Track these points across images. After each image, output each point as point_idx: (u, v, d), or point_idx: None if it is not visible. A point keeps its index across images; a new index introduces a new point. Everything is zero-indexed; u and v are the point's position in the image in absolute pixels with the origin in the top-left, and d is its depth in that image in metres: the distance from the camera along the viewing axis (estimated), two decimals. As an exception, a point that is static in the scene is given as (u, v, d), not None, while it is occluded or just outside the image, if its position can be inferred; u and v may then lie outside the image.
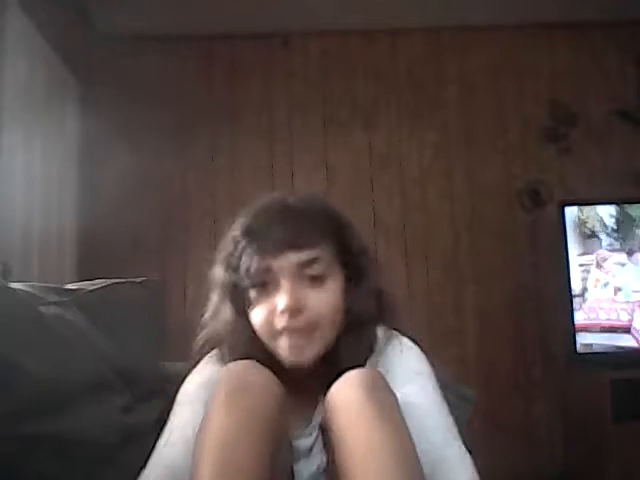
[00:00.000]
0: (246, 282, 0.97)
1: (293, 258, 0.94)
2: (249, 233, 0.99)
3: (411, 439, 0.83)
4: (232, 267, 1.00)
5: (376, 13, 2.76)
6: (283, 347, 0.95)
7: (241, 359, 0.91)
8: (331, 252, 0.99)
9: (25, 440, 0.91)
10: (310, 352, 0.95)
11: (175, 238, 2.76)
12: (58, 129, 2.42)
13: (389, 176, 2.85)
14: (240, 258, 0.98)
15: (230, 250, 1.02)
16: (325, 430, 0.89)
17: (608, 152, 2.85)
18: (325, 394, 0.90)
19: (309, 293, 0.95)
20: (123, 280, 1.36)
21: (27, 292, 1.13)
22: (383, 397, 0.85)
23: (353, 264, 1.02)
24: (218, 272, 1.04)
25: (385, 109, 2.89)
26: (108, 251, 2.64)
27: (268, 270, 0.95)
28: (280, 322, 0.94)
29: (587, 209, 2.52)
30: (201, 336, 1.05)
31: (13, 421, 0.90)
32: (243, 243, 0.99)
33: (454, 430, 0.92)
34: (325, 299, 0.96)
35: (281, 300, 0.93)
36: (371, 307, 1.01)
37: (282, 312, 0.93)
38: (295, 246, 0.95)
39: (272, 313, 0.95)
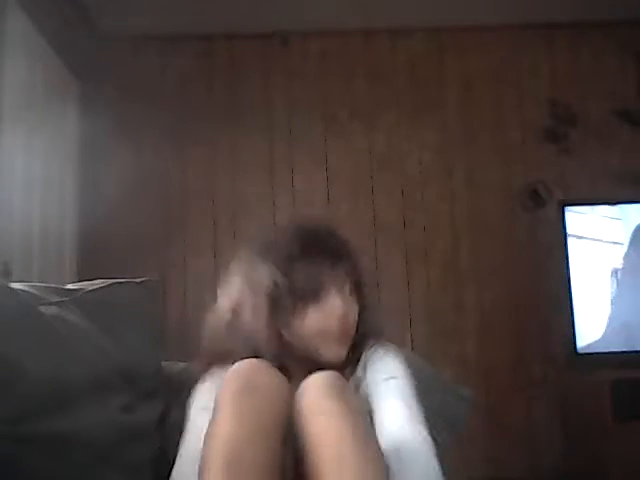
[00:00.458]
0: (301, 291, 1.07)
1: (343, 274, 1.10)
2: (301, 250, 1.10)
3: (376, 442, 0.88)
4: (283, 275, 1.08)
5: (376, 13, 2.76)
6: (332, 347, 1.07)
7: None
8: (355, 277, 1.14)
9: (25, 440, 0.91)
10: (345, 351, 1.09)
11: (175, 238, 2.76)
12: (58, 129, 2.42)
13: (389, 176, 2.85)
14: (294, 269, 1.08)
15: (281, 262, 1.10)
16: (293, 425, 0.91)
17: (608, 152, 2.85)
18: None
19: (349, 303, 1.10)
20: (123, 280, 1.36)
21: (27, 292, 1.13)
22: (342, 395, 0.89)
23: (363, 284, 1.16)
24: (262, 278, 1.10)
25: (385, 109, 2.89)
26: (108, 251, 2.64)
27: (323, 281, 1.08)
28: (336, 325, 1.07)
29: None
30: (215, 334, 1.12)
31: (13, 421, 0.90)
32: (296, 256, 1.09)
33: (419, 419, 0.99)
34: (356, 309, 1.11)
35: (338, 307, 1.07)
36: (368, 322, 1.15)
37: (339, 317, 1.07)
38: (343, 261, 1.11)
39: (327, 318, 1.06)
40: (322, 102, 2.88)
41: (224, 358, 1.05)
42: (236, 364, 0.92)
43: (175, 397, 1.30)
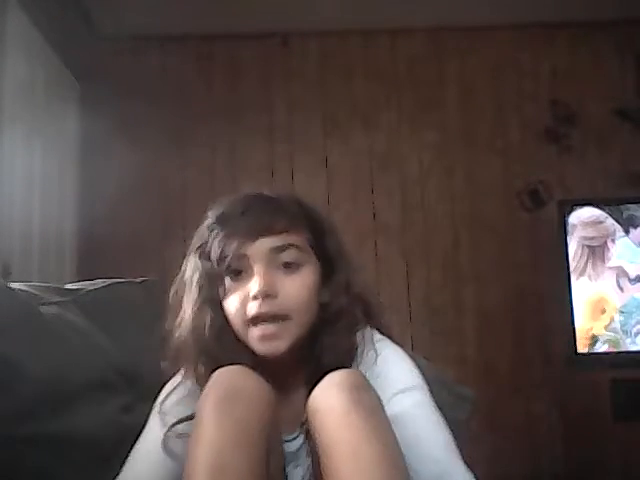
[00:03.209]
0: (219, 269, 0.93)
1: (266, 243, 0.92)
2: (222, 220, 0.98)
3: (397, 444, 0.80)
4: (205, 256, 0.97)
5: (376, 13, 2.76)
6: (255, 336, 0.90)
7: (222, 365, 0.88)
8: (306, 242, 0.96)
9: (25, 440, 0.91)
10: (283, 342, 0.90)
11: (175, 238, 2.76)
12: (58, 129, 2.42)
13: (389, 176, 2.85)
14: (213, 245, 0.95)
15: (204, 239, 0.99)
16: (308, 434, 0.86)
17: (608, 152, 2.85)
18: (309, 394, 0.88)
19: (283, 279, 0.92)
20: (123, 280, 1.36)
21: (27, 292, 1.13)
22: (367, 399, 0.82)
23: (328, 258, 0.99)
24: (190, 263, 1.00)
25: (385, 109, 2.89)
26: (108, 251, 2.64)
27: (241, 256, 0.92)
28: (252, 309, 0.90)
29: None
30: (174, 343, 0.98)
31: (13, 421, 0.90)
32: (216, 230, 0.97)
33: (454, 447, 0.89)
34: (299, 286, 0.92)
35: (253, 285, 0.90)
36: (347, 304, 0.97)
37: (254, 297, 0.89)
38: (268, 231, 0.93)
39: (245, 300, 0.91)
40: (322, 102, 2.89)
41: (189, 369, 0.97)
42: (217, 372, 0.86)
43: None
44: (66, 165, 2.51)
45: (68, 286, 1.28)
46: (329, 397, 0.82)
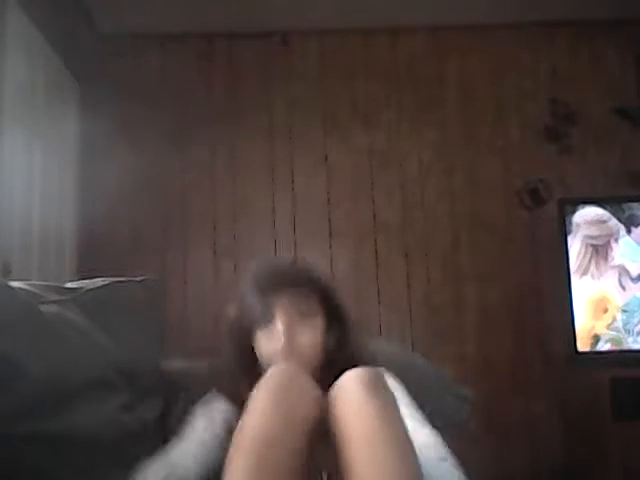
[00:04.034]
0: (256, 320, 1.16)
1: (295, 295, 1.16)
2: (257, 282, 1.20)
3: (409, 435, 0.87)
4: (245, 308, 1.19)
5: (376, 12, 2.76)
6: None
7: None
8: (317, 300, 1.18)
9: (25, 438, 0.91)
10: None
11: (175, 238, 2.76)
12: (58, 129, 2.42)
13: (389, 175, 2.85)
14: (252, 301, 1.18)
15: (245, 296, 1.21)
16: (328, 425, 0.91)
17: (608, 151, 2.85)
18: None
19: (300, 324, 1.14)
20: (123, 279, 1.37)
21: (27, 291, 1.13)
22: (384, 393, 0.90)
23: (334, 312, 1.20)
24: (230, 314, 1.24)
25: (385, 108, 2.89)
26: (108, 250, 2.64)
27: (272, 307, 1.14)
28: (279, 347, 1.11)
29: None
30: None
31: (13, 419, 0.90)
32: (253, 290, 1.19)
33: (444, 449, 1.03)
34: (314, 332, 1.15)
35: (278, 329, 1.13)
36: (347, 350, 1.18)
37: (279, 338, 1.12)
38: (297, 287, 1.16)
39: (272, 340, 1.13)
40: (322, 101, 2.88)
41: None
42: (272, 367, 0.97)
43: (175, 396, 1.30)
44: (66, 165, 2.51)
45: (68, 285, 1.28)
46: (348, 390, 0.91)
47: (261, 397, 0.89)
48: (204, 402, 1.16)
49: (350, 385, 0.91)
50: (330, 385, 0.97)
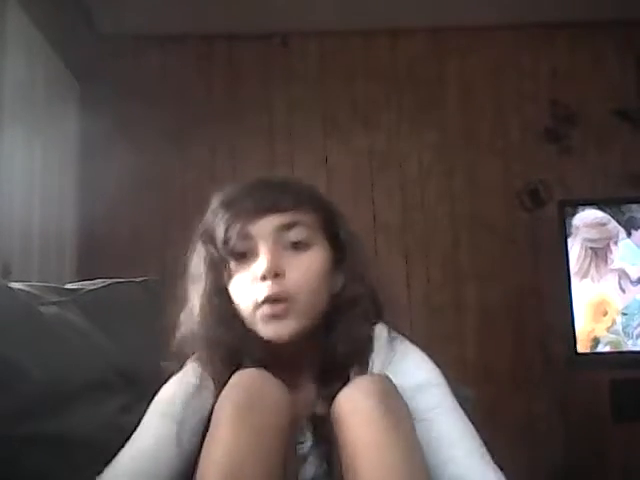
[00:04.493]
0: (224, 252, 0.90)
1: (272, 221, 0.88)
2: (226, 203, 0.94)
3: (422, 452, 0.80)
4: (210, 241, 0.94)
5: (375, 13, 2.76)
6: (262, 319, 0.86)
7: (233, 355, 0.86)
8: (315, 222, 0.92)
9: (24, 439, 0.91)
10: (291, 326, 0.86)
11: (175, 238, 2.76)
12: (58, 129, 2.42)
13: (389, 176, 2.85)
14: (217, 228, 0.92)
15: (208, 224, 0.96)
16: (332, 438, 0.84)
17: (608, 152, 2.85)
18: (321, 392, 0.87)
19: (290, 259, 0.88)
20: (123, 280, 1.36)
21: (27, 292, 1.13)
22: (394, 405, 0.81)
23: (340, 242, 0.95)
24: (196, 252, 0.97)
25: (385, 109, 2.89)
26: (108, 251, 2.64)
27: (247, 236, 0.89)
28: (260, 291, 0.86)
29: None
30: (179, 336, 0.96)
31: (12, 420, 0.90)
32: (220, 214, 0.93)
33: (477, 450, 0.90)
34: (307, 265, 0.88)
35: (260, 265, 0.86)
36: (360, 292, 0.94)
37: (261, 278, 0.86)
38: (274, 209, 0.89)
39: (252, 282, 0.87)
40: (322, 102, 2.88)
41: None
42: (236, 375, 0.84)
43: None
44: (66, 165, 2.51)
45: (68, 286, 1.28)
46: (357, 401, 0.80)
47: (229, 414, 0.78)
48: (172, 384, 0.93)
49: (359, 397, 0.81)
50: (331, 375, 0.87)
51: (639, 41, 2.91)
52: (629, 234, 2.50)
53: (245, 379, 0.83)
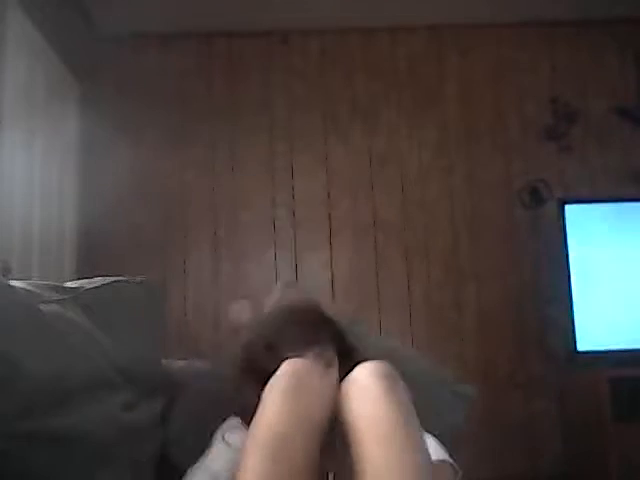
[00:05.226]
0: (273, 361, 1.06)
1: (312, 340, 1.10)
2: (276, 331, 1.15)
3: (422, 433, 0.87)
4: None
5: (375, 11, 2.77)
6: None
7: None
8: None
9: (25, 437, 0.91)
10: None
11: (175, 238, 2.76)
12: (58, 129, 2.43)
13: (389, 174, 2.85)
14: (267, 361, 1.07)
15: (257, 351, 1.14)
16: (339, 419, 0.90)
17: (608, 150, 2.85)
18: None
19: None
20: (123, 278, 1.36)
21: (27, 290, 1.13)
22: (398, 387, 0.89)
23: (349, 348, 1.16)
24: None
25: (385, 107, 2.89)
26: (108, 250, 2.65)
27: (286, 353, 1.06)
28: None
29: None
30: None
31: (13, 418, 0.90)
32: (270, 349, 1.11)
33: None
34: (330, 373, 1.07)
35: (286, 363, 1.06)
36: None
37: None
38: (311, 332, 1.12)
39: None
40: (322, 100, 2.89)
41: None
42: (287, 363, 0.94)
43: (175, 395, 1.30)
44: (66, 165, 2.51)
45: (68, 284, 1.28)
46: (363, 383, 0.90)
47: (275, 398, 0.87)
48: (223, 431, 1.11)
49: (365, 379, 0.90)
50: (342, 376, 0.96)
51: (639, 39, 2.91)
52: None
53: (293, 367, 0.94)
